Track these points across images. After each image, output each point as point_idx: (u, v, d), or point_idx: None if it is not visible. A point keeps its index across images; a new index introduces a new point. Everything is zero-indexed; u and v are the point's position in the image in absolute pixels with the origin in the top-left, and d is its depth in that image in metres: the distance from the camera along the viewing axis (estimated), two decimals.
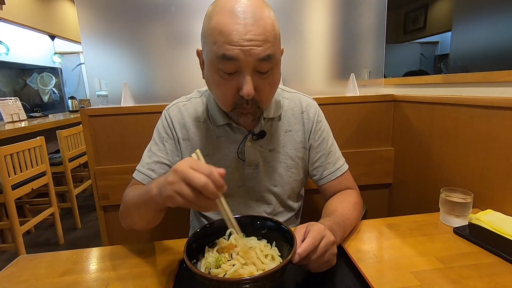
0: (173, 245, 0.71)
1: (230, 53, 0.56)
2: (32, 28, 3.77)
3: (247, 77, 0.58)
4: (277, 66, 0.63)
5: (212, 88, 0.66)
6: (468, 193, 0.76)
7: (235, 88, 0.61)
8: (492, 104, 0.84)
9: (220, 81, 0.61)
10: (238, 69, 0.59)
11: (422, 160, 1.14)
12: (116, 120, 1.15)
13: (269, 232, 0.58)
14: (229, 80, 0.60)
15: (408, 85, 1.32)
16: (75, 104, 4.26)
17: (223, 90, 0.62)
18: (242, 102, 0.62)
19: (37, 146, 2.06)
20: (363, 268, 0.57)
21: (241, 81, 0.59)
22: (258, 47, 0.56)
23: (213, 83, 0.63)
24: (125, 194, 0.71)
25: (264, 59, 0.57)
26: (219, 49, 0.57)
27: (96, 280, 0.60)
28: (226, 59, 0.57)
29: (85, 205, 3.02)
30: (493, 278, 0.55)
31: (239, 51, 0.55)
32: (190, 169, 0.45)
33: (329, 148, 0.82)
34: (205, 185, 0.43)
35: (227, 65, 0.58)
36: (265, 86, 0.62)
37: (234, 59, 0.56)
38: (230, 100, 0.63)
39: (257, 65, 0.58)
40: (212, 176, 0.44)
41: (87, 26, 1.24)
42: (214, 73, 0.61)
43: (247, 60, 0.56)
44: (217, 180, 0.45)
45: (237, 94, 0.61)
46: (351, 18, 1.38)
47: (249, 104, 0.63)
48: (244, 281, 0.43)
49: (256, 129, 0.75)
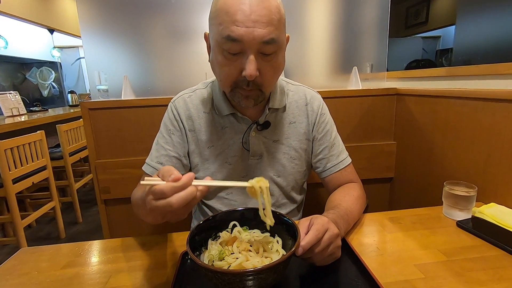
0: (174, 238, 0.71)
1: (235, 34, 0.57)
2: (30, 21, 3.73)
3: (251, 58, 0.59)
4: (281, 50, 0.63)
5: (216, 69, 0.66)
6: (471, 186, 0.76)
7: (238, 69, 0.61)
8: (496, 96, 0.83)
9: (224, 62, 0.62)
10: (242, 50, 0.59)
11: (425, 154, 1.13)
12: (117, 113, 1.14)
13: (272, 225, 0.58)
14: (233, 60, 0.61)
15: (411, 79, 1.31)
16: (75, 98, 4.24)
17: (227, 70, 0.62)
18: (243, 83, 0.62)
19: (38, 140, 2.05)
20: (366, 261, 0.57)
21: (244, 62, 0.60)
22: (262, 29, 0.57)
23: (217, 63, 0.63)
24: (134, 192, 0.71)
25: (268, 42, 0.58)
26: (224, 30, 0.58)
27: (98, 272, 0.60)
28: (231, 40, 0.58)
29: (86, 200, 3.02)
30: (497, 271, 0.55)
31: (244, 32, 0.56)
32: (157, 202, 0.43)
33: (333, 141, 0.82)
34: (178, 202, 0.42)
35: (231, 45, 0.58)
36: (268, 69, 0.62)
37: (239, 40, 0.57)
38: (232, 81, 0.63)
39: (261, 47, 0.59)
40: (174, 189, 0.43)
41: (87, 19, 1.22)
42: (218, 53, 0.62)
43: (251, 42, 0.57)
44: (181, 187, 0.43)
45: (240, 75, 0.61)
46: (354, 12, 1.36)
47: (250, 86, 0.63)
48: (248, 273, 0.43)
49: (261, 119, 0.75)
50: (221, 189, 0.81)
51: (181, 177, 0.44)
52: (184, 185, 0.43)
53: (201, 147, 0.78)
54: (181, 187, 0.43)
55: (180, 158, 0.77)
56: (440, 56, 4.48)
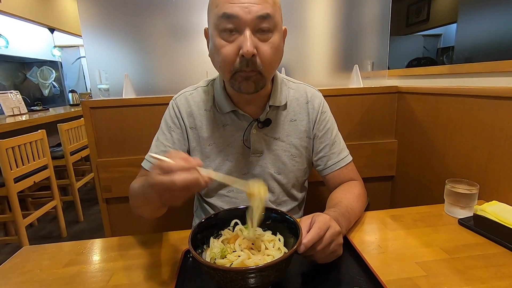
0: (176, 236, 0.71)
1: (230, 11, 0.59)
2: (31, 21, 3.73)
3: (247, 33, 0.60)
4: (277, 30, 0.64)
5: (215, 56, 0.66)
6: (473, 184, 0.76)
7: (236, 49, 0.62)
8: (498, 94, 0.82)
9: (221, 43, 0.62)
10: (238, 27, 0.60)
11: (426, 152, 1.13)
12: (118, 112, 1.14)
13: (274, 223, 0.58)
14: (230, 41, 0.62)
15: (412, 76, 1.31)
16: (76, 97, 4.25)
17: (225, 52, 0.63)
18: (242, 64, 0.62)
19: (39, 140, 2.06)
20: (368, 258, 0.57)
21: (241, 40, 0.60)
22: (257, 5, 0.59)
23: (216, 48, 0.64)
24: (131, 187, 0.72)
25: (263, 16, 0.60)
26: (220, 9, 0.60)
27: (100, 270, 0.60)
28: (227, 17, 0.59)
29: (87, 199, 3.03)
30: (499, 268, 0.55)
31: (239, 8, 0.59)
32: (161, 177, 0.45)
33: (334, 139, 0.82)
34: (183, 181, 0.44)
35: (227, 23, 0.60)
36: (266, 49, 0.63)
37: (234, 16, 0.59)
38: (231, 63, 0.63)
39: (257, 23, 0.60)
40: (181, 167, 0.45)
41: (87, 18, 1.22)
42: (216, 37, 0.63)
43: (246, 17, 0.59)
44: (188, 166, 0.45)
45: (238, 55, 0.62)
46: (355, 9, 1.36)
47: (250, 66, 0.62)
48: (250, 270, 0.43)
49: (262, 117, 0.76)
50: (222, 186, 0.81)
51: (190, 158, 0.46)
52: (191, 166, 0.45)
53: (202, 144, 0.78)
54: (188, 168, 0.44)
55: None
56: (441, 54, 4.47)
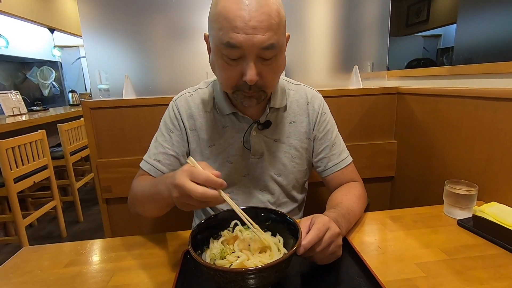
0: (176, 237, 0.71)
1: (234, 41, 0.57)
2: (31, 21, 3.72)
3: (251, 64, 0.59)
4: (281, 52, 0.64)
5: (217, 72, 0.67)
6: (472, 185, 0.76)
7: (239, 73, 0.62)
8: (498, 95, 0.83)
9: (224, 66, 0.62)
10: (242, 55, 0.60)
11: (426, 153, 1.13)
12: (118, 112, 1.14)
13: (274, 224, 0.58)
14: (234, 65, 0.61)
15: (412, 77, 1.31)
16: (76, 98, 4.24)
17: (227, 74, 0.63)
18: (245, 87, 0.63)
19: (39, 140, 2.06)
20: (368, 259, 0.57)
21: (244, 67, 0.60)
22: (261, 35, 0.57)
23: (218, 67, 0.64)
24: (134, 185, 0.73)
25: (267, 47, 0.59)
26: (224, 36, 0.58)
27: (100, 271, 0.60)
28: (231, 46, 0.58)
29: (87, 199, 3.03)
30: (498, 269, 0.55)
31: (243, 39, 0.57)
32: (188, 181, 0.48)
33: (334, 140, 0.82)
34: (203, 194, 0.47)
35: (231, 51, 0.59)
36: (269, 72, 0.63)
37: (238, 46, 0.58)
38: (233, 84, 0.64)
39: (260, 52, 0.59)
40: (208, 181, 0.48)
41: (87, 18, 1.22)
42: (219, 58, 0.62)
43: (250, 48, 0.58)
44: (214, 183, 0.48)
45: (241, 78, 0.62)
46: (355, 10, 1.36)
47: (252, 89, 0.64)
48: (249, 271, 0.43)
49: (262, 119, 0.76)
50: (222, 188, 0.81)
51: (220, 175, 0.48)
52: (218, 184, 0.48)
53: (202, 146, 0.78)
54: (214, 183, 0.47)
55: (178, 157, 0.78)
56: (441, 55, 4.47)
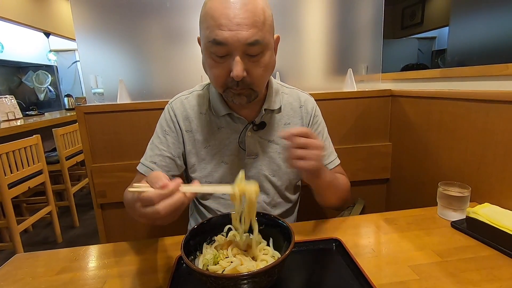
0: (171, 242, 0.71)
1: (220, 38, 0.59)
2: (26, 25, 3.71)
3: (237, 59, 0.61)
4: (268, 49, 0.65)
5: (207, 71, 0.69)
6: (465, 187, 0.76)
7: (227, 70, 0.63)
8: (489, 98, 0.83)
9: (212, 64, 0.64)
10: (228, 52, 0.61)
11: (420, 154, 1.14)
12: (112, 117, 1.14)
13: (267, 228, 0.58)
14: (221, 62, 0.63)
15: (405, 80, 1.32)
16: (71, 102, 4.22)
17: (216, 72, 0.65)
18: (233, 83, 0.64)
19: (33, 145, 2.04)
20: (361, 262, 0.57)
21: (231, 64, 0.62)
22: (245, 31, 0.59)
23: (207, 65, 0.66)
24: (126, 196, 0.71)
25: (252, 43, 0.60)
26: (210, 34, 0.60)
27: (93, 278, 0.60)
28: (216, 43, 0.60)
29: (83, 203, 3.01)
30: (490, 271, 0.56)
31: (228, 35, 0.58)
32: (142, 209, 0.45)
33: (324, 142, 0.85)
34: (156, 212, 0.43)
35: (218, 49, 0.61)
36: (257, 69, 0.64)
37: (224, 43, 0.59)
38: (222, 81, 0.65)
39: (246, 49, 0.61)
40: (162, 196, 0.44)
41: (81, 23, 1.22)
42: (208, 56, 0.64)
43: (235, 44, 0.59)
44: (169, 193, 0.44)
45: (229, 76, 0.63)
46: (349, 13, 1.37)
47: (239, 86, 0.65)
48: (242, 277, 0.43)
49: (257, 120, 0.77)
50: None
51: (168, 184, 0.45)
52: (171, 192, 0.44)
53: (197, 147, 0.80)
54: (168, 194, 0.44)
55: (174, 159, 0.78)
56: (436, 57, 4.51)
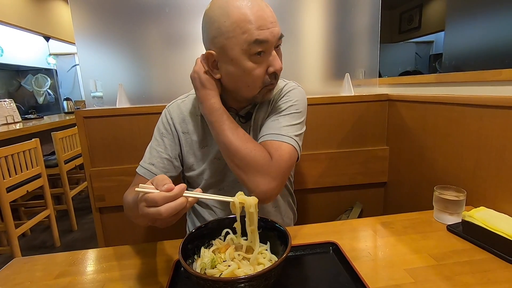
0: (169, 246, 0.71)
1: (262, 37, 0.63)
2: (26, 29, 3.73)
3: (274, 54, 0.67)
4: None
5: (243, 78, 0.68)
6: (461, 190, 0.77)
7: (265, 68, 0.68)
8: (483, 103, 0.85)
9: (253, 66, 0.66)
10: (266, 49, 0.65)
11: (417, 158, 1.15)
12: (111, 121, 1.14)
13: (264, 231, 0.58)
14: (260, 62, 0.67)
15: (402, 85, 1.33)
16: (71, 105, 4.23)
17: (258, 73, 0.67)
18: (271, 78, 0.69)
19: (32, 148, 2.04)
20: (358, 266, 0.57)
21: (270, 60, 0.67)
22: (277, 27, 0.66)
23: (246, 71, 0.67)
24: (126, 194, 0.72)
25: (281, 37, 0.67)
26: (251, 36, 0.63)
27: (91, 282, 0.60)
28: (259, 43, 0.63)
29: (81, 207, 3.00)
30: (485, 274, 0.56)
31: (268, 33, 0.64)
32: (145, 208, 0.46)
33: (283, 117, 0.75)
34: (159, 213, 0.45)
35: (259, 48, 0.64)
36: (281, 59, 0.70)
37: (266, 41, 0.64)
38: (261, 81, 0.69)
39: (277, 42, 0.67)
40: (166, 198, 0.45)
41: (81, 27, 1.23)
42: (246, 61, 0.66)
43: (273, 40, 0.65)
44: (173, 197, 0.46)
45: (266, 73, 0.68)
46: (346, 18, 1.38)
47: (276, 79, 0.70)
48: (239, 280, 0.44)
49: (242, 112, 0.79)
50: (212, 185, 0.83)
51: (173, 187, 0.46)
52: (176, 196, 0.46)
53: (194, 148, 0.82)
54: (172, 198, 0.45)
55: (171, 160, 0.80)
56: (433, 61, 4.55)
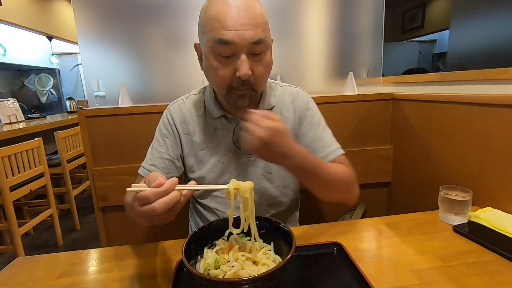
0: (171, 246, 0.71)
1: (226, 37, 0.61)
2: (29, 29, 3.74)
3: (243, 58, 0.63)
4: (268, 50, 0.68)
5: (210, 75, 0.69)
6: (467, 190, 0.76)
7: (232, 71, 0.65)
8: (488, 101, 0.84)
9: (218, 66, 0.65)
10: (234, 53, 0.63)
11: (421, 158, 1.14)
12: (114, 120, 1.14)
13: (268, 232, 0.58)
14: (226, 63, 0.64)
15: (406, 83, 1.32)
16: (73, 105, 4.24)
17: (221, 73, 0.65)
18: (238, 84, 0.66)
19: (35, 148, 2.05)
20: (363, 267, 0.57)
21: (237, 64, 0.63)
22: (250, 31, 0.62)
23: (211, 69, 0.66)
24: (126, 195, 0.72)
25: (256, 42, 0.63)
26: (216, 34, 0.62)
27: (94, 282, 0.60)
28: (223, 43, 0.61)
29: (84, 206, 3.01)
30: (492, 276, 0.55)
31: (234, 34, 0.61)
32: (139, 208, 0.46)
33: (321, 134, 0.80)
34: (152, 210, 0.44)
35: (223, 49, 0.62)
36: (260, 69, 0.66)
37: (230, 42, 0.61)
38: (227, 83, 0.67)
39: (251, 48, 0.63)
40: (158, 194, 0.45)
41: (84, 27, 1.23)
42: (212, 59, 0.65)
43: (241, 43, 0.61)
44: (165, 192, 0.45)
45: (234, 76, 0.65)
46: (349, 17, 1.38)
47: (244, 86, 0.66)
48: (243, 281, 0.43)
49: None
50: (214, 190, 0.82)
51: (164, 182, 0.46)
52: (167, 190, 0.45)
53: (195, 149, 0.81)
54: (163, 192, 0.45)
55: (173, 160, 0.80)
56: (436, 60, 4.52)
